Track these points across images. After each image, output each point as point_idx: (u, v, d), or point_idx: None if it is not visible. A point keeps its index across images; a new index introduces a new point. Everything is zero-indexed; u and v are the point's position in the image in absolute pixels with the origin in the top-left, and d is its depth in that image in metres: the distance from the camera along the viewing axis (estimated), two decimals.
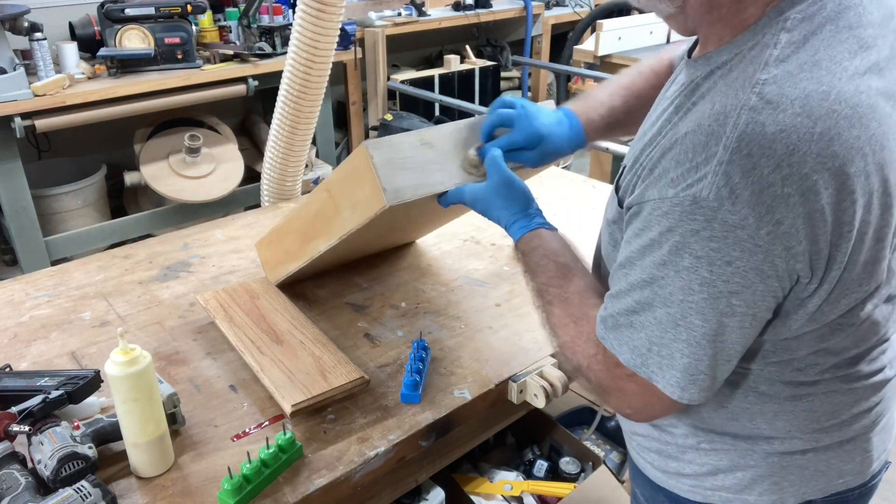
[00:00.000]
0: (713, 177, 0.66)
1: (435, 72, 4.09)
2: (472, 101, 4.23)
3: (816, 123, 0.64)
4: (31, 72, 2.77)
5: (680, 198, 0.68)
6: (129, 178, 3.15)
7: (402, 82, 3.90)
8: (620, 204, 0.83)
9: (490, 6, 4.33)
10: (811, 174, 0.64)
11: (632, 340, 0.77)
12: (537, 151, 1.11)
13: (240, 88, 3.11)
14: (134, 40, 2.94)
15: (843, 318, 0.77)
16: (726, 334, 0.72)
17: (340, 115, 4.05)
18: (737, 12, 0.72)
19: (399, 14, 3.97)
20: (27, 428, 0.96)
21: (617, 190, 0.86)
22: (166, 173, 3.09)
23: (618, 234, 0.85)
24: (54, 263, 2.22)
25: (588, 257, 1.01)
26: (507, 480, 1.72)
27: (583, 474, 1.76)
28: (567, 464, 1.77)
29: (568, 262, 0.94)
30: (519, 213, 1.00)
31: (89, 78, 2.88)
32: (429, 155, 1.06)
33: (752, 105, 0.66)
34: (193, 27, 3.14)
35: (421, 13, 4.04)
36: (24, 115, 2.62)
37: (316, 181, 3.44)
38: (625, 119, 1.13)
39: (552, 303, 0.91)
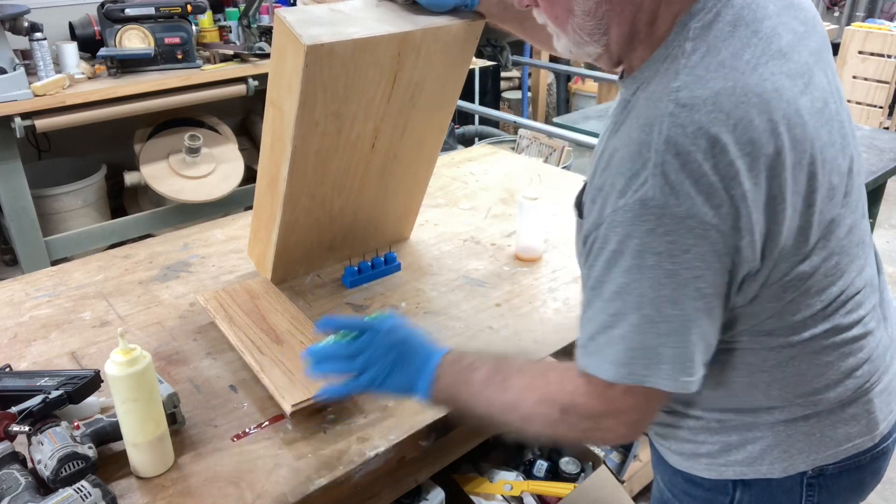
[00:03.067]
0: (652, 179, 0.72)
1: None
2: (472, 101, 4.23)
3: (729, 116, 0.72)
4: (31, 72, 2.76)
5: (629, 205, 0.74)
6: (129, 178, 3.15)
7: None
8: (581, 220, 0.88)
9: None
10: (734, 161, 0.72)
11: (613, 355, 0.80)
12: None
13: (240, 88, 3.11)
14: (134, 40, 2.94)
15: (790, 278, 0.82)
16: (700, 318, 0.78)
17: None
18: (651, 33, 0.80)
19: None
20: (27, 428, 0.97)
21: (578, 206, 0.91)
22: (166, 173, 3.09)
23: (582, 249, 0.87)
24: (54, 263, 2.22)
25: None
26: (507, 480, 1.72)
27: (583, 474, 1.76)
28: (567, 464, 1.77)
29: (489, 358, 0.94)
30: (416, 369, 0.95)
31: (89, 78, 2.88)
32: (341, 17, 1.12)
33: (671, 111, 0.73)
34: (193, 27, 3.14)
35: None
36: (24, 115, 2.62)
37: None
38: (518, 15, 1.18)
39: (506, 380, 0.90)
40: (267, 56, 3.16)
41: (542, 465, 1.79)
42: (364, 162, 1.40)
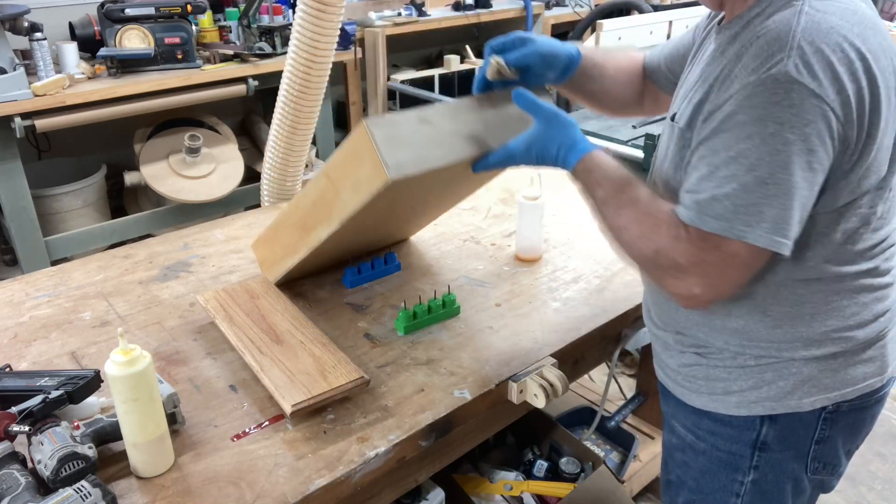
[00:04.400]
0: (788, 59, 0.83)
1: (435, 72, 4.09)
2: None
3: (854, 26, 0.86)
4: (31, 72, 2.77)
5: (762, 79, 0.84)
6: (129, 178, 3.15)
7: (402, 82, 3.90)
8: (689, 125, 0.97)
9: (490, 6, 4.33)
10: (855, 61, 0.84)
11: (718, 210, 0.88)
12: (546, 62, 1.17)
13: (240, 88, 3.11)
14: (134, 40, 2.94)
15: (865, 201, 0.94)
16: (805, 187, 0.86)
17: (340, 115, 4.05)
18: None
19: (399, 14, 3.97)
20: (27, 428, 0.96)
21: (672, 118, 1.02)
22: (166, 173, 3.09)
23: (682, 155, 0.98)
24: (54, 263, 2.22)
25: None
26: (507, 480, 1.72)
27: (583, 474, 1.76)
28: (567, 464, 1.77)
29: (626, 174, 1.02)
30: (570, 141, 1.05)
31: (89, 78, 2.88)
32: (428, 131, 1.06)
33: (806, 11, 0.86)
34: (193, 27, 3.14)
35: (421, 13, 4.04)
36: (24, 115, 2.62)
37: None
38: (599, 77, 1.25)
39: (621, 207, 0.99)
40: (267, 56, 3.17)
41: (542, 465, 1.79)
42: (396, 216, 1.45)
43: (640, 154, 2.36)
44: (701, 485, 1.14)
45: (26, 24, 2.69)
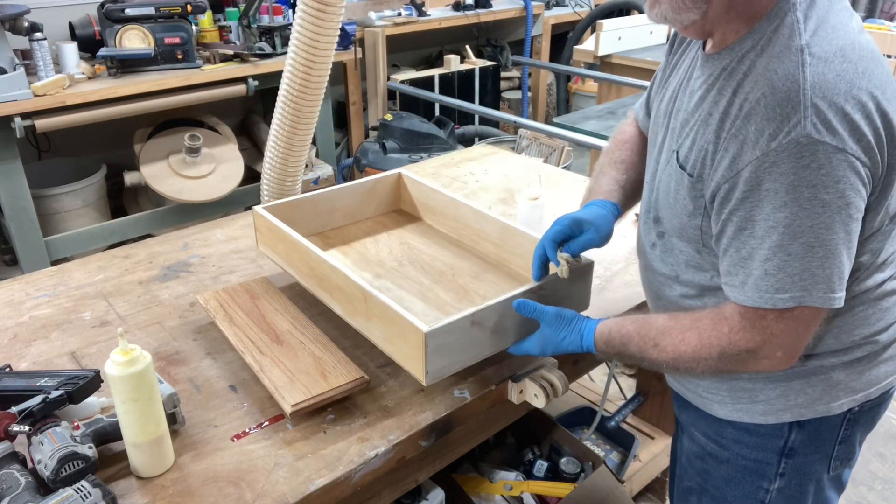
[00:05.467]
0: (805, 119, 0.83)
1: (435, 72, 4.09)
2: (472, 101, 4.23)
3: (857, 65, 0.86)
4: (31, 72, 2.77)
5: (783, 145, 0.84)
6: (129, 178, 3.15)
7: (402, 82, 3.90)
8: (700, 176, 0.96)
9: (490, 6, 4.33)
10: (866, 102, 0.85)
11: (773, 284, 0.89)
12: (600, 238, 1.18)
13: (240, 88, 3.11)
14: (134, 40, 2.94)
15: (886, 220, 0.95)
16: (848, 239, 0.88)
17: (340, 115, 4.05)
18: (749, 6, 0.90)
19: (399, 14, 3.97)
20: (27, 428, 0.96)
21: (678, 159, 1.00)
22: (166, 173, 3.09)
23: (696, 204, 0.97)
24: (54, 263, 2.22)
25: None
26: (507, 480, 1.72)
27: (583, 474, 1.76)
28: (567, 464, 1.77)
29: (637, 318, 1.06)
30: (578, 333, 1.10)
31: (89, 78, 2.88)
32: (474, 334, 1.10)
33: (808, 62, 0.85)
34: (193, 27, 3.14)
35: (421, 13, 4.04)
36: (24, 115, 2.62)
37: (316, 181, 3.44)
38: (633, 188, 1.25)
39: (658, 344, 1.00)
40: (267, 56, 3.17)
41: (542, 465, 1.79)
42: None
43: None
44: (724, 493, 1.14)
45: (26, 24, 2.69)
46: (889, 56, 4.53)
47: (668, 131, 1.05)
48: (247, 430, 1.08)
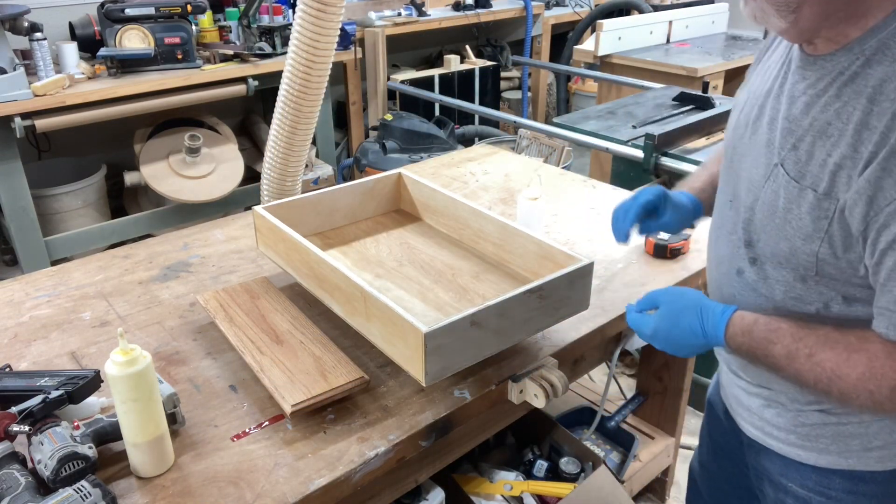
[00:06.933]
0: None
1: (435, 72, 4.09)
2: (472, 101, 4.23)
3: None
4: (31, 72, 2.77)
5: None
6: (129, 178, 3.15)
7: (402, 82, 3.90)
8: (828, 193, 0.86)
9: (490, 6, 4.33)
10: None
11: None
12: (679, 223, 1.19)
13: (240, 88, 3.12)
14: (134, 40, 2.94)
15: None
16: None
17: (340, 115, 4.05)
18: (855, 12, 0.82)
19: (399, 14, 3.97)
20: (27, 428, 0.96)
21: (783, 167, 0.90)
22: (166, 173, 3.09)
23: (819, 226, 0.87)
24: (54, 263, 2.22)
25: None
26: (507, 480, 1.72)
27: (583, 474, 1.76)
28: (567, 464, 1.77)
29: (788, 318, 0.94)
30: (708, 320, 0.99)
31: (89, 78, 2.88)
32: (473, 335, 1.09)
33: None
34: (193, 27, 3.14)
35: (421, 13, 4.04)
36: (24, 115, 2.62)
37: (316, 181, 3.44)
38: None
39: (814, 354, 0.89)
40: (267, 56, 3.17)
41: (541, 465, 1.79)
42: None
43: (639, 154, 2.37)
44: None
45: (26, 24, 2.69)
46: None
47: (759, 142, 0.95)
48: (247, 430, 1.08)
